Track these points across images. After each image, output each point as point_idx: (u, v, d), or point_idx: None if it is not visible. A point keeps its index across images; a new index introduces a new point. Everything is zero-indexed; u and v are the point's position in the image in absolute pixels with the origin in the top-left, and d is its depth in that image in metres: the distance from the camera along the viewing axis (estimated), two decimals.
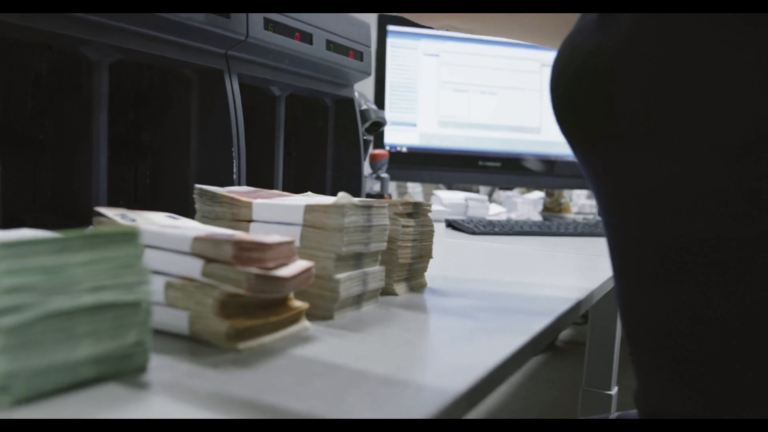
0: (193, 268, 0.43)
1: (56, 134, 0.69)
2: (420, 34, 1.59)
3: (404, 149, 1.56)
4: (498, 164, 1.60)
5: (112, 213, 0.48)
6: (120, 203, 0.78)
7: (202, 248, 0.42)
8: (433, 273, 0.69)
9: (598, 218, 1.54)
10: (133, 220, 0.48)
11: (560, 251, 1.04)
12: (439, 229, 1.32)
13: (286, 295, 0.46)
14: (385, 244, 0.57)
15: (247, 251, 0.42)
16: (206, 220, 0.57)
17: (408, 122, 1.56)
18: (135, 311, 0.35)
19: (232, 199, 0.56)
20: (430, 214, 0.65)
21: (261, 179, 0.89)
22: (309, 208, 0.52)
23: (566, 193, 1.77)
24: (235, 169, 0.77)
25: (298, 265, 0.45)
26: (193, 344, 0.42)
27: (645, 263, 0.46)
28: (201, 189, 0.58)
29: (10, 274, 0.29)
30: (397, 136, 1.55)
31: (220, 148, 0.78)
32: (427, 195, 1.76)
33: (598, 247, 1.08)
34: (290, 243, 0.45)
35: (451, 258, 0.93)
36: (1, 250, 0.29)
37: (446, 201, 1.48)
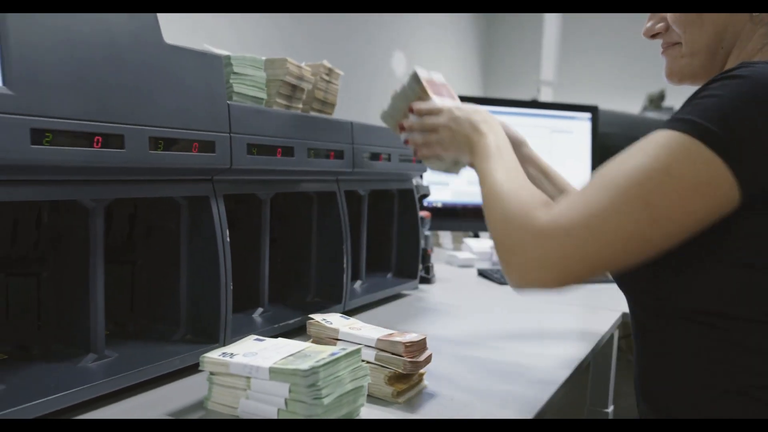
0: (370, 355, 0.76)
1: (245, 244, 1.02)
2: None
3: (439, 204, 1.90)
4: None
5: (318, 317, 0.82)
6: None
7: (382, 344, 0.76)
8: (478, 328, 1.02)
9: None
10: (330, 322, 0.82)
11: (569, 302, 1.38)
12: (472, 276, 1.66)
13: None
14: None
15: (409, 347, 0.75)
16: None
17: (442, 182, 1.89)
18: (362, 390, 0.69)
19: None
20: (462, 261, 0.97)
21: (354, 255, 1.22)
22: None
23: None
24: (345, 259, 1.11)
25: (426, 352, 0.79)
26: (371, 399, 0.76)
27: None
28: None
29: (321, 379, 0.63)
30: (433, 194, 1.88)
31: (334, 243, 1.11)
32: (457, 242, 2.09)
33: (601, 296, 1.41)
34: (424, 338, 0.79)
35: (489, 313, 1.27)
36: (319, 368, 0.63)
37: (476, 249, 1.81)
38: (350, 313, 1.18)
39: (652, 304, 0.73)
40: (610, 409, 1.30)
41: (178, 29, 0.75)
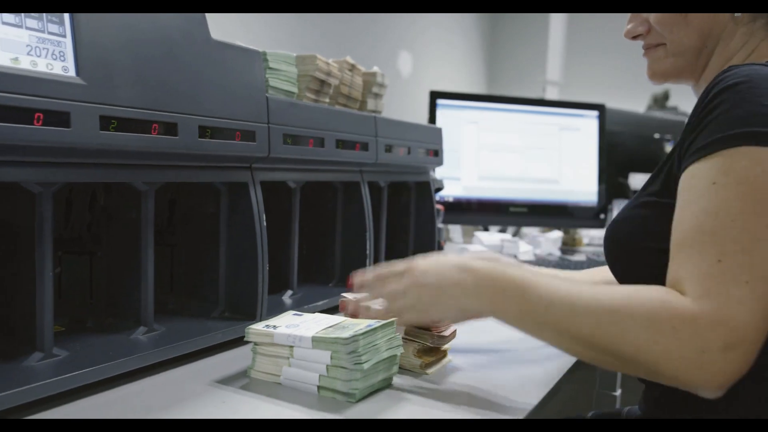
0: (400, 329, 0.82)
1: (274, 231, 1.08)
2: (463, 106, 1.98)
3: (451, 199, 1.96)
4: (525, 210, 2.00)
5: (349, 295, 0.88)
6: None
7: None
8: None
9: None
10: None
11: None
12: None
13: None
14: None
15: (436, 322, 0.81)
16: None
17: (454, 177, 1.95)
18: (396, 358, 0.75)
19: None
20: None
21: (375, 243, 1.28)
22: None
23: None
24: (367, 246, 1.17)
25: (451, 328, 0.85)
26: (401, 370, 0.82)
27: None
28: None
29: (361, 346, 0.69)
30: (445, 188, 1.94)
31: (357, 231, 1.17)
32: (467, 236, 2.15)
33: None
34: None
35: None
36: (359, 337, 0.69)
37: (486, 242, 1.87)
38: None
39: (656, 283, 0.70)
40: (618, 392, 1.36)
41: None
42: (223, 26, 2.61)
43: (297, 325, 0.76)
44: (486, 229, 2.16)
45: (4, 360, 0.68)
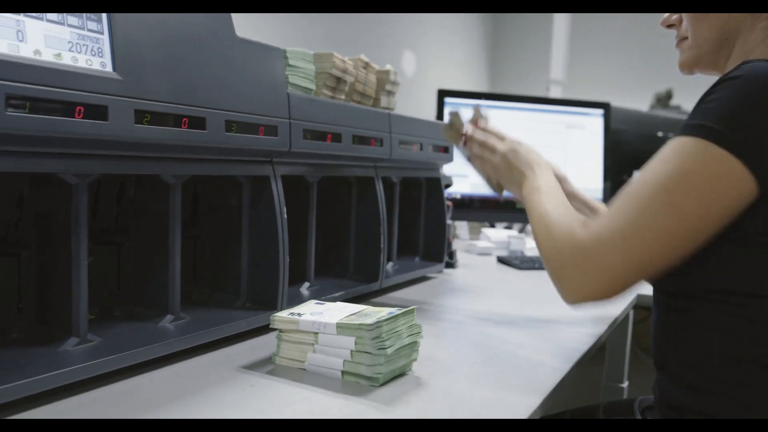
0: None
1: (292, 224, 1.11)
2: (470, 104, 2.01)
3: (459, 196, 1.98)
4: None
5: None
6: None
7: None
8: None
9: None
10: None
11: None
12: (492, 262, 1.75)
13: None
14: None
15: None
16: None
17: (461, 174, 1.98)
18: (416, 345, 0.77)
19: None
20: (480, 249, 1.06)
21: (388, 238, 1.31)
22: None
23: None
24: (381, 240, 1.20)
25: None
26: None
27: None
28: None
29: (385, 332, 0.72)
30: (453, 186, 1.96)
31: (371, 225, 1.20)
32: (473, 233, 2.18)
33: None
34: None
35: (511, 294, 1.35)
36: (383, 323, 0.72)
37: (493, 238, 1.90)
38: (383, 291, 1.27)
39: (676, 288, 0.76)
40: (626, 384, 1.39)
41: None
42: None
43: (321, 313, 0.79)
44: (492, 226, 2.19)
45: (43, 344, 0.71)
